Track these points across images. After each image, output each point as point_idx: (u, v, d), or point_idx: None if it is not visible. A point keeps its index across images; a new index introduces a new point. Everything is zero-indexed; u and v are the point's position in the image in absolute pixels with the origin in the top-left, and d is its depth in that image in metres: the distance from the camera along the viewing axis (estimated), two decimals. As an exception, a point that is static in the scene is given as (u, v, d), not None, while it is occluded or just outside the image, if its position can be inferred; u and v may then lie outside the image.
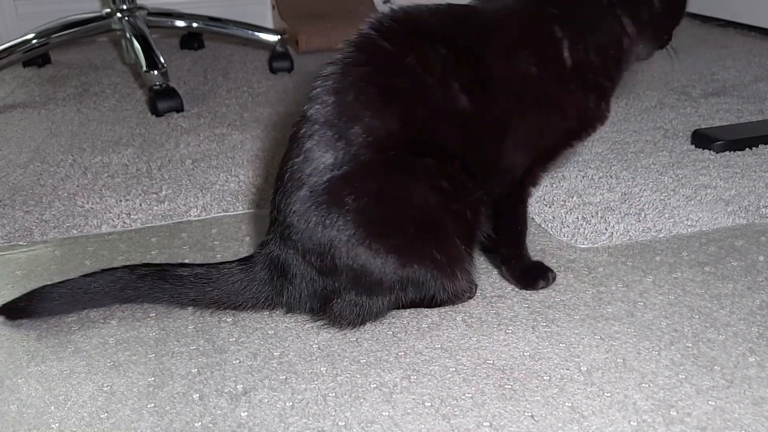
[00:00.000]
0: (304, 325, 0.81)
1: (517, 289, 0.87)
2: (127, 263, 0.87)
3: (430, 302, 0.82)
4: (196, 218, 1.09)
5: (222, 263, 0.83)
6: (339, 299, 0.78)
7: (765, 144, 1.30)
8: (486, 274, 0.91)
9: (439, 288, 0.80)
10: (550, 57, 0.79)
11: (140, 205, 1.13)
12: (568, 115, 0.82)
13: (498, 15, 0.80)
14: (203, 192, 1.17)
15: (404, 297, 0.80)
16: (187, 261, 0.95)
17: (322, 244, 0.75)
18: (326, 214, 0.74)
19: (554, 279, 0.88)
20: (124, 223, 1.07)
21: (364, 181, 0.75)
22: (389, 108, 0.75)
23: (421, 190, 0.77)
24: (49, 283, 0.82)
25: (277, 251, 0.79)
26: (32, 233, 1.05)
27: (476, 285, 0.86)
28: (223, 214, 1.10)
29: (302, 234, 0.76)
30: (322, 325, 0.80)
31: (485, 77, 0.78)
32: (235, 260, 0.84)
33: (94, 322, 0.82)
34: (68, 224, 1.07)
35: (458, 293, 0.82)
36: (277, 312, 0.83)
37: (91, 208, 1.12)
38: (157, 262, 0.95)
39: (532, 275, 0.88)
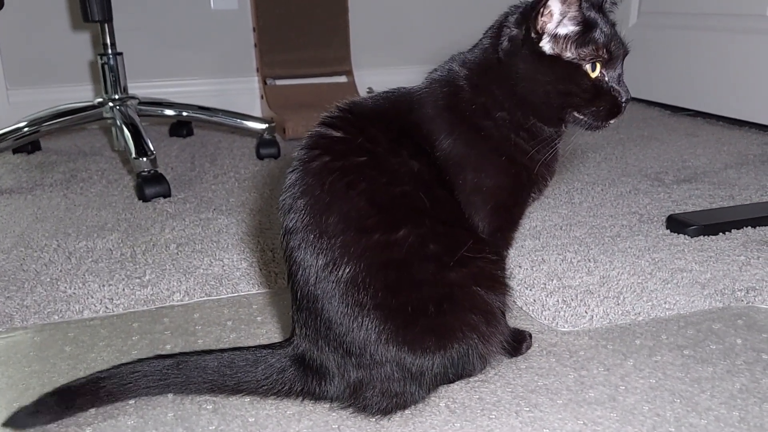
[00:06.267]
0: (285, 411, 0.80)
1: (500, 373, 0.87)
2: (108, 348, 0.86)
3: (469, 375, 0.86)
4: (179, 303, 1.09)
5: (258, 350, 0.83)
6: (372, 388, 0.78)
7: (737, 229, 1.34)
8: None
9: (476, 357, 0.81)
10: (467, 127, 0.81)
11: (123, 289, 1.13)
12: (500, 176, 0.82)
13: (421, 94, 0.83)
14: (186, 276, 1.17)
15: (443, 380, 0.82)
16: (168, 346, 0.95)
17: (356, 345, 0.76)
18: (352, 319, 0.75)
19: (531, 338, 0.94)
20: (107, 308, 1.07)
21: (367, 275, 0.75)
22: (356, 187, 0.76)
23: (418, 262, 0.77)
24: (27, 369, 0.81)
25: (310, 350, 0.80)
26: (12, 319, 1.04)
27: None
28: (206, 298, 1.10)
29: (335, 337, 0.77)
30: (351, 414, 0.79)
31: (423, 150, 0.80)
32: (267, 347, 0.84)
33: (71, 411, 0.81)
34: (49, 310, 1.06)
35: (492, 354, 0.85)
36: (258, 399, 0.82)
37: (74, 293, 1.12)
38: (138, 347, 0.94)
39: (516, 340, 0.90)
